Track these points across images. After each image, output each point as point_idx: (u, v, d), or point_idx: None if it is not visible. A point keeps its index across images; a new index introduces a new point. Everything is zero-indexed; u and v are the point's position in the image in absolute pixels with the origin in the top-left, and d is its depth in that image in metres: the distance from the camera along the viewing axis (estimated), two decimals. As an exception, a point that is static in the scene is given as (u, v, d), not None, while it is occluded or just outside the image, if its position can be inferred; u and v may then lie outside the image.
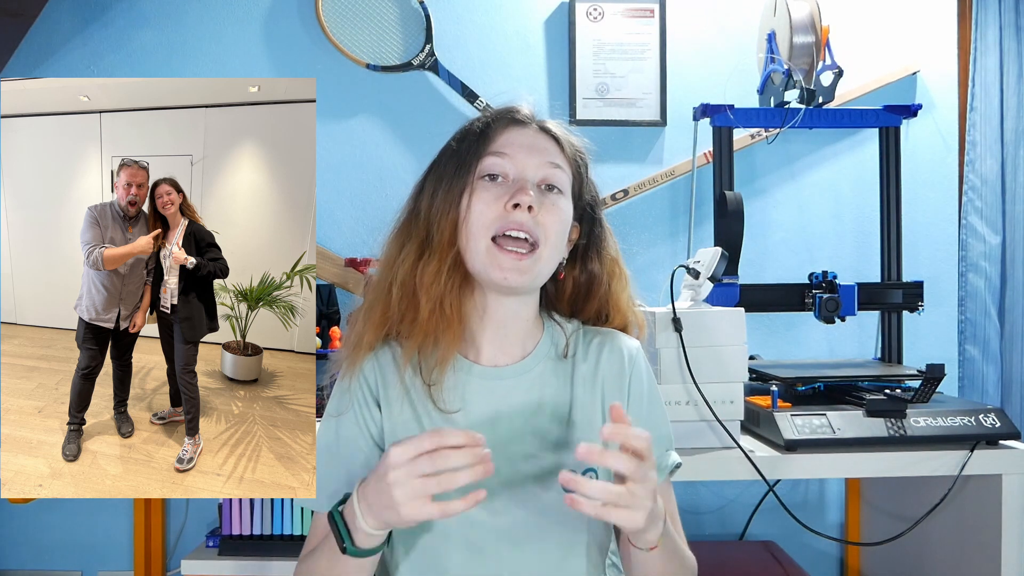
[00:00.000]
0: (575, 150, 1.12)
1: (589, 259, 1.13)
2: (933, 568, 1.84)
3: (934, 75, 2.34)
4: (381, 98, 2.27)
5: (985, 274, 2.28)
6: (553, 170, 1.06)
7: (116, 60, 2.27)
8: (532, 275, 1.03)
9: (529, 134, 1.08)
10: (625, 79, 2.29)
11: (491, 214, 1.02)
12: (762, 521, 2.24)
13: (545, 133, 1.10)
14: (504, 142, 1.06)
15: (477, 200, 1.03)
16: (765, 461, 1.52)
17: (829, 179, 2.33)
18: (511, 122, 1.09)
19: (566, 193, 1.07)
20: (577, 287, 1.14)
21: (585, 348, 1.12)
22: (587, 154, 1.14)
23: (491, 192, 1.03)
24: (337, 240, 2.26)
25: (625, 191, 2.26)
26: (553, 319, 1.14)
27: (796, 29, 1.93)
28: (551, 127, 1.11)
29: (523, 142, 1.07)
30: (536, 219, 1.02)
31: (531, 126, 1.10)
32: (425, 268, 1.03)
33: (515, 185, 1.03)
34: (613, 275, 1.15)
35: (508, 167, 1.05)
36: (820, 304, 1.84)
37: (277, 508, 1.81)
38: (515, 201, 1.01)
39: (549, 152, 1.07)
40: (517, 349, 1.09)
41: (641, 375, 1.12)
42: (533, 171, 1.05)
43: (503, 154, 1.05)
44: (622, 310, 1.16)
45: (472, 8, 2.30)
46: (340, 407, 1.07)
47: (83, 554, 2.27)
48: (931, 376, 1.59)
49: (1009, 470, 1.55)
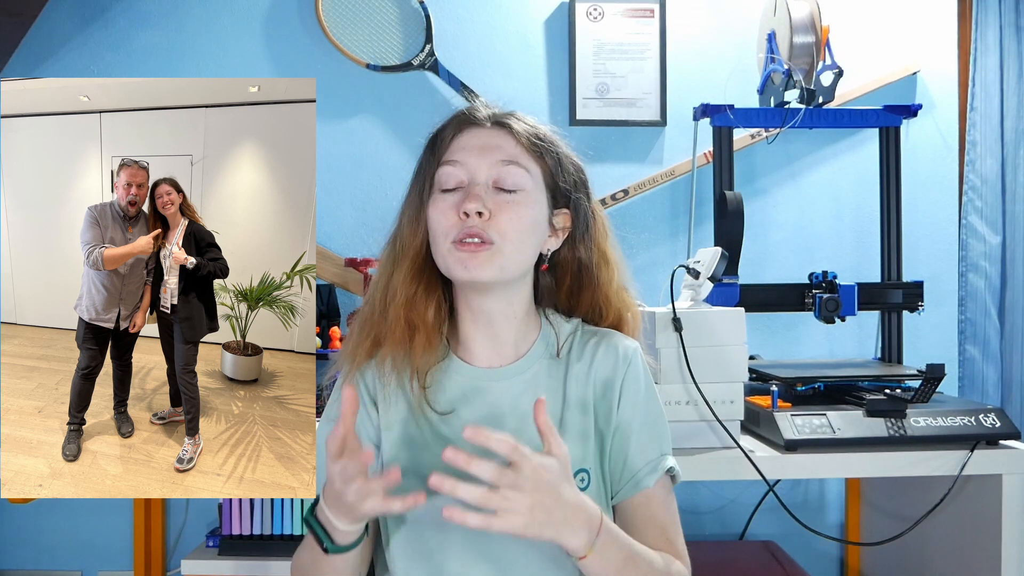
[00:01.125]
0: (537, 138, 1.07)
1: (577, 247, 1.11)
2: (933, 568, 1.84)
3: (934, 75, 2.34)
4: (381, 98, 2.27)
5: (985, 274, 2.28)
6: (506, 168, 1.04)
7: (116, 60, 2.27)
8: (496, 267, 1.02)
9: (482, 134, 1.06)
10: (625, 79, 2.29)
11: (447, 222, 1.02)
12: (762, 521, 2.24)
13: (500, 128, 1.07)
14: (456, 147, 1.06)
15: (434, 211, 1.04)
16: (765, 461, 1.52)
17: (829, 179, 2.33)
18: (464, 123, 1.08)
19: (528, 187, 1.05)
20: (571, 277, 1.13)
21: (581, 348, 1.10)
22: (557, 141, 1.10)
23: (446, 202, 1.03)
24: (337, 240, 2.26)
25: (625, 191, 2.26)
26: (550, 318, 1.13)
27: (796, 29, 1.93)
28: (507, 120, 1.08)
29: (475, 144, 1.05)
30: (490, 223, 1.01)
31: (484, 124, 1.07)
32: (392, 280, 1.06)
33: (466, 192, 1.03)
34: (601, 264, 1.12)
35: (461, 174, 1.04)
36: (820, 304, 1.84)
37: (277, 508, 1.81)
38: (464, 210, 1.01)
39: (503, 149, 1.05)
40: (510, 349, 1.09)
41: (637, 376, 1.10)
42: (485, 173, 1.04)
43: (454, 162, 1.05)
44: (612, 302, 1.13)
45: (472, 8, 2.30)
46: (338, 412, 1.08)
47: (83, 554, 2.27)
48: (931, 376, 1.59)
49: (1009, 470, 1.55)
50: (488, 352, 1.09)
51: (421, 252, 1.06)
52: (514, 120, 1.08)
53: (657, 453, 1.08)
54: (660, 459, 1.08)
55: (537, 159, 1.07)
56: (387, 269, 1.08)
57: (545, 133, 1.09)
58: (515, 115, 1.09)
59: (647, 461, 1.06)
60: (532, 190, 1.05)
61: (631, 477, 1.06)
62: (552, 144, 1.09)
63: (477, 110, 1.09)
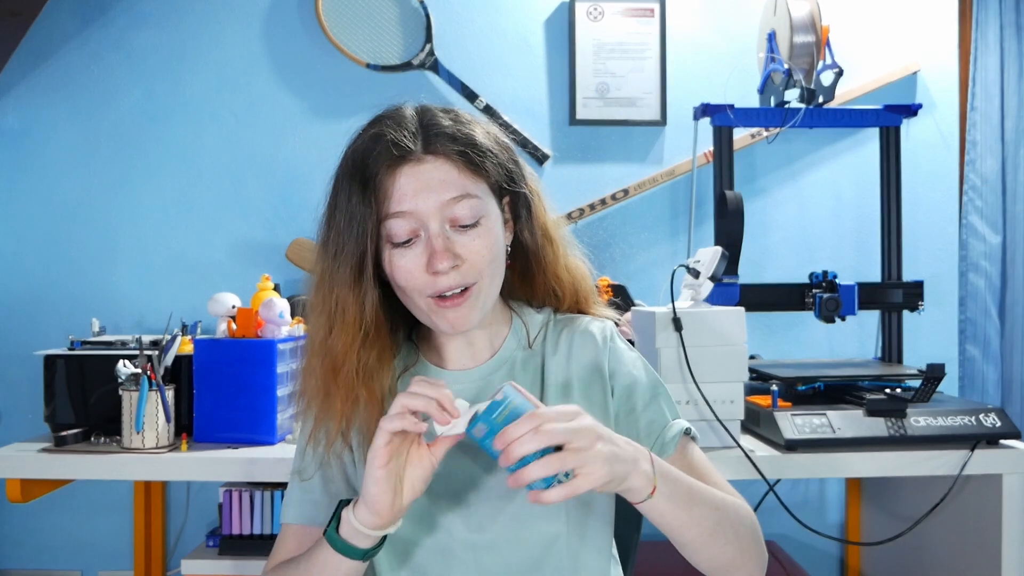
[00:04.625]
0: (471, 151, 0.96)
1: (522, 232, 1.03)
2: (933, 568, 1.83)
3: (934, 75, 2.34)
4: (381, 98, 2.25)
5: (985, 274, 2.28)
6: (458, 204, 0.94)
7: (116, 60, 2.27)
8: (479, 310, 0.97)
9: (419, 171, 0.94)
10: (625, 79, 2.29)
11: (418, 282, 0.95)
12: (762, 521, 2.18)
13: (434, 156, 0.95)
14: (398, 196, 0.93)
15: (397, 269, 0.95)
16: (765, 461, 1.53)
17: (829, 179, 2.33)
18: (394, 161, 0.94)
19: (482, 210, 0.96)
20: (519, 263, 1.05)
21: (555, 340, 1.06)
22: (480, 135, 0.98)
23: (409, 260, 0.94)
24: (337, 240, 2.25)
25: (625, 191, 2.26)
26: (518, 311, 1.09)
27: (796, 29, 1.93)
28: (435, 143, 0.95)
29: (416, 186, 0.93)
30: (462, 269, 0.94)
31: (416, 156, 0.94)
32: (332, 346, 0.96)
33: (428, 246, 0.94)
34: (545, 245, 1.04)
35: (413, 224, 0.94)
36: (820, 304, 1.84)
37: (277, 508, 1.81)
38: (435, 270, 0.93)
39: (448, 184, 0.94)
40: (483, 351, 1.06)
41: (619, 353, 1.06)
42: (439, 218, 0.94)
43: (401, 214, 0.93)
44: (563, 279, 1.07)
45: (472, 8, 2.30)
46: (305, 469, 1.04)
47: (83, 554, 2.27)
48: (931, 376, 1.59)
49: (1009, 470, 1.55)
50: (462, 356, 1.05)
51: (371, 312, 0.96)
52: (442, 138, 0.95)
53: (666, 421, 1.04)
54: (671, 425, 1.04)
55: (479, 175, 0.97)
56: (321, 331, 0.97)
57: (468, 133, 0.97)
58: (437, 124, 0.97)
59: (659, 433, 1.03)
60: (487, 209, 0.97)
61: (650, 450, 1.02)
62: (484, 146, 0.98)
63: (402, 139, 0.95)
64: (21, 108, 2.27)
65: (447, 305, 0.95)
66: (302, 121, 2.28)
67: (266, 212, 2.28)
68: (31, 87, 2.26)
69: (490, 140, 1.00)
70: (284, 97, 2.28)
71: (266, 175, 2.28)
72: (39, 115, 2.27)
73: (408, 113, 1.00)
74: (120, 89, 2.27)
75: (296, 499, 1.05)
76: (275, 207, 2.28)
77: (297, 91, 2.29)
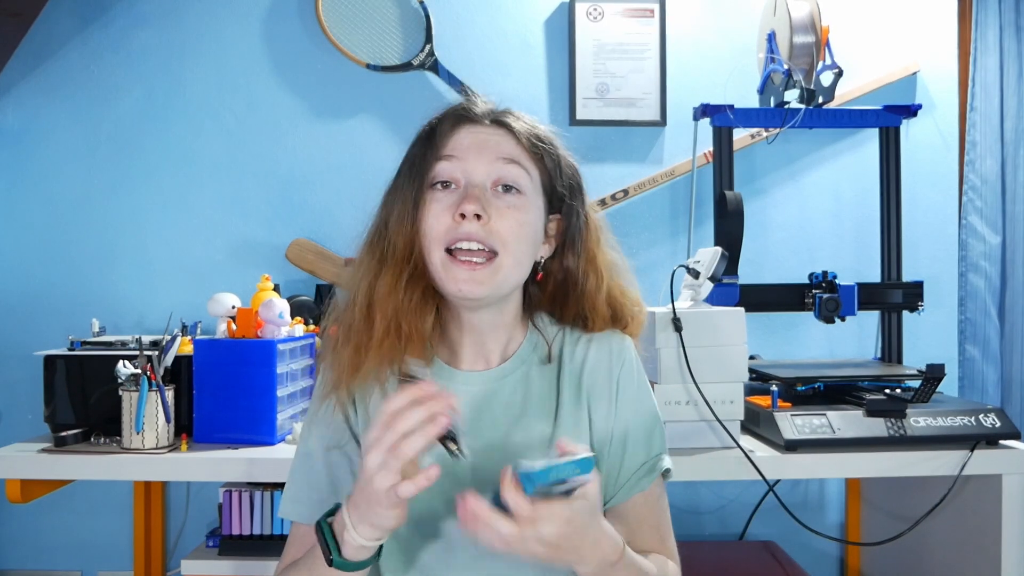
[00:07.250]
0: (537, 139, 1.03)
1: (566, 255, 1.05)
2: (933, 568, 1.84)
3: (934, 75, 2.34)
4: (381, 98, 2.27)
5: (985, 274, 2.28)
6: (507, 167, 0.99)
7: (116, 60, 2.27)
8: (492, 285, 0.97)
9: (480, 131, 1.01)
10: (625, 79, 2.29)
11: (441, 226, 0.97)
12: (762, 521, 2.24)
13: (500, 126, 1.02)
14: (454, 144, 1.00)
15: (427, 212, 0.98)
16: (765, 461, 1.53)
17: (829, 179, 2.33)
18: (460, 119, 1.02)
19: (527, 190, 1.00)
20: (556, 287, 1.07)
21: (572, 348, 1.07)
22: (556, 142, 1.05)
23: (441, 202, 0.98)
24: (337, 240, 2.26)
25: (625, 191, 2.26)
26: (536, 324, 1.09)
27: (796, 29, 1.93)
28: (506, 119, 1.03)
29: (473, 141, 1.00)
30: (488, 227, 0.96)
31: (483, 121, 1.02)
32: (379, 284, 0.99)
33: (464, 192, 0.98)
34: (589, 273, 1.05)
35: (458, 171, 0.99)
36: (820, 304, 1.85)
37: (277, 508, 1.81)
38: (461, 211, 0.95)
39: (503, 148, 1.00)
40: (496, 356, 1.06)
41: (631, 372, 1.07)
42: (484, 172, 0.98)
43: (452, 157, 0.99)
44: (599, 311, 1.06)
45: (472, 8, 2.30)
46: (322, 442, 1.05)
47: (83, 554, 2.27)
48: (931, 376, 1.60)
49: (1009, 470, 1.55)
50: (474, 356, 1.06)
51: (414, 253, 0.99)
52: (513, 119, 1.03)
53: (654, 454, 1.06)
54: (656, 460, 1.06)
55: (536, 161, 1.02)
56: (371, 271, 1.01)
57: (544, 133, 1.05)
58: (513, 113, 1.05)
59: (643, 463, 1.05)
60: (531, 194, 1.01)
61: (627, 480, 1.04)
62: (551, 145, 1.04)
63: (475, 105, 1.04)
64: (21, 108, 2.27)
65: (462, 264, 0.96)
66: (302, 121, 2.28)
67: (266, 212, 2.28)
68: (31, 87, 2.26)
69: (558, 147, 1.05)
70: (284, 97, 2.28)
71: (266, 175, 2.28)
72: (39, 115, 2.27)
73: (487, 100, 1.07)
74: (120, 89, 2.27)
75: (304, 497, 1.04)
76: (275, 207, 2.28)
77: (297, 91, 2.29)
